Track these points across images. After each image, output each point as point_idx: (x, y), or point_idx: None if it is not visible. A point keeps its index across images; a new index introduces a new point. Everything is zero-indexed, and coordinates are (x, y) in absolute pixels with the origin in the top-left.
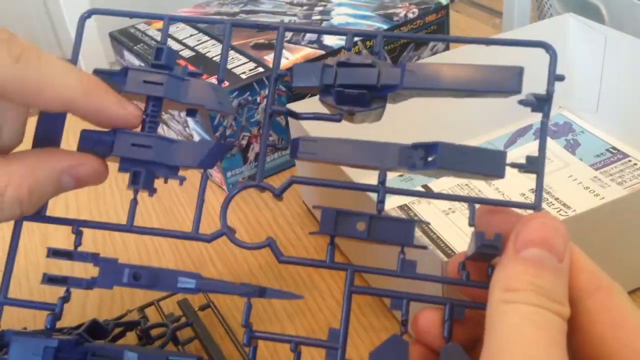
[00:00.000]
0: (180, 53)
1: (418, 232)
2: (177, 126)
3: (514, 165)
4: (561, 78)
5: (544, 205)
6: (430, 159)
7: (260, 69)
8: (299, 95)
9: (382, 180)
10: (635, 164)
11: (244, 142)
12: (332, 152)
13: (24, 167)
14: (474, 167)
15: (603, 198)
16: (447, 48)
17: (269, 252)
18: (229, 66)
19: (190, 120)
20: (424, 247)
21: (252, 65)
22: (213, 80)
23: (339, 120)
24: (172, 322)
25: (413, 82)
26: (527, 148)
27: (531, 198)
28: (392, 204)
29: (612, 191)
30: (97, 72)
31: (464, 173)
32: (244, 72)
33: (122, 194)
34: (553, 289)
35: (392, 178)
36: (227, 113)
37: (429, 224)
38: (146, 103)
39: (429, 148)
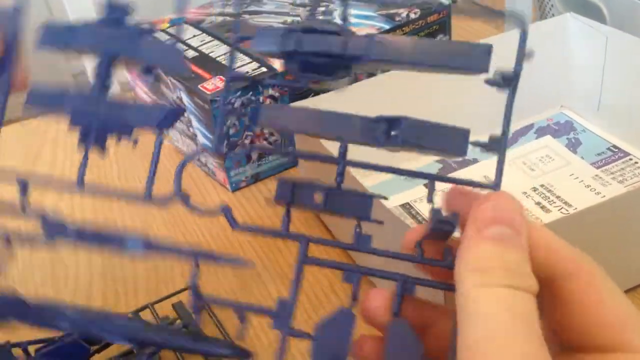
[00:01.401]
0: (183, 53)
1: (408, 219)
2: (180, 125)
3: (476, 143)
4: (530, 54)
5: (546, 203)
6: (393, 133)
7: (264, 69)
8: (301, 94)
9: (342, 151)
10: (636, 162)
11: (247, 142)
12: (294, 121)
13: None
14: (437, 144)
15: (604, 196)
16: None
17: (267, 243)
18: (233, 66)
19: (193, 120)
20: (380, 222)
21: (255, 65)
22: (217, 81)
23: (302, 88)
24: (168, 325)
25: (381, 54)
26: (528, 147)
27: (522, 190)
28: (395, 202)
29: (613, 189)
30: (49, 26)
31: (427, 149)
32: (247, 72)
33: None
34: (521, 264)
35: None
36: (181, 74)
37: (386, 198)
38: (97, 60)
39: (393, 122)
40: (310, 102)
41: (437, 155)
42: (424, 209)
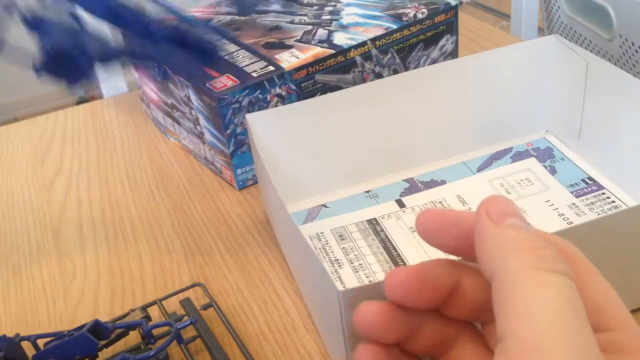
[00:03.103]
0: None
1: (380, 248)
2: (187, 124)
3: None
4: None
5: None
6: None
7: (271, 68)
8: (309, 93)
9: None
10: (608, 198)
11: None
12: None
13: None
14: None
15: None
16: (455, 48)
17: (277, 248)
18: (241, 65)
19: (201, 118)
20: None
21: (262, 64)
22: (225, 79)
23: None
24: (175, 321)
25: None
26: (502, 170)
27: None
28: (361, 217)
29: (587, 219)
30: None
31: None
32: (254, 71)
33: (133, 192)
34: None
35: (361, 193)
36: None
37: None
38: None
39: None
40: (316, 102)
41: None
42: (390, 226)
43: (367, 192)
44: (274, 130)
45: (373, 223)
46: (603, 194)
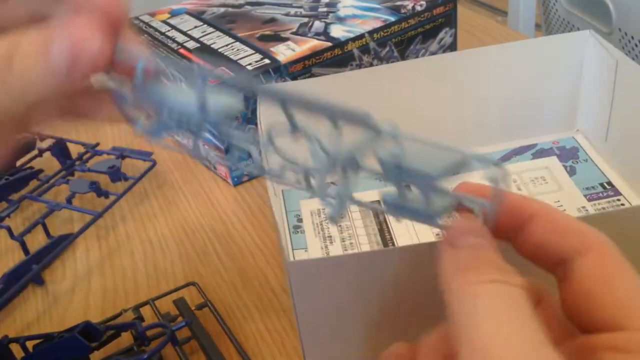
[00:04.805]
0: (184, 44)
1: (375, 230)
2: None
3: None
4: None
5: None
6: None
7: (267, 61)
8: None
9: None
10: (622, 205)
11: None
12: None
13: (9, 37)
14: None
15: None
16: (454, 41)
17: (275, 245)
18: (235, 57)
19: None
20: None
21: (258, 56)
22: (220, 72)
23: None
24: (170, 322)
25: None
26: (519, 166)
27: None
28: (369, 197)
29: (584, 215)
30: None
31: None
32: (250, 64)
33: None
34: (502, 262)
35: None
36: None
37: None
38: None
39: None
40: (309, 83)
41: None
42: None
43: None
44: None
45: (379, 204)
46: (618, 200)
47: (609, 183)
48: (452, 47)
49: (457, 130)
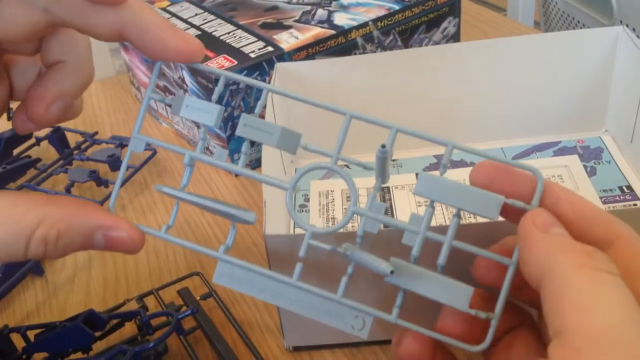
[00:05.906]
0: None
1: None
2: None
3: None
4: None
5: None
6: None
7: (270, 48)
8: None
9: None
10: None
11: None
12: None
13: (60, 211)
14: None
15: None
16: (457, 31)
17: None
18: (238, 45)
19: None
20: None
21: (261, 44)
22: (222, 60)
23: None
24: (175, 311)
25: None
26: (537, 162)
27: None
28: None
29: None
30: None
31: None
32: (252, 51)
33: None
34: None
35: None
36: None
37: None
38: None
39: None
40: (312, 64)
41: None
42: (399, 197)
43: (393, 160)
44: (306, 82)
45: (384, 191)
46: (634, 205)
47: (629, 187)
48: (456, 37)
49: (476, 121)
